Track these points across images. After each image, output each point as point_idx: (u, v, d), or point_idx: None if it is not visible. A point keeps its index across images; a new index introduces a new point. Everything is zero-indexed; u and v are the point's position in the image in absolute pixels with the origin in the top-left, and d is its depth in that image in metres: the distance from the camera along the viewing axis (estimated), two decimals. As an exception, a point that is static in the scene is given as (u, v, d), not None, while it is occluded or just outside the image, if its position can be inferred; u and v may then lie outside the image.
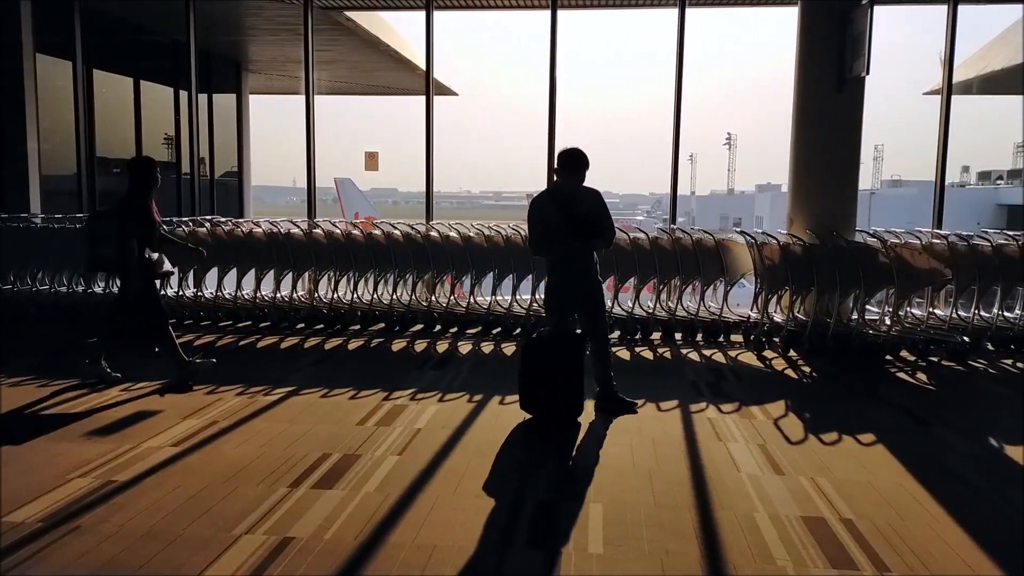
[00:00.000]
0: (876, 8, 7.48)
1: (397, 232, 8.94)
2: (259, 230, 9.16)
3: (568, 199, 5.56)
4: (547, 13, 10.18)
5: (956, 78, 17.63)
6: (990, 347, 8.10)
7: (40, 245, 9.63)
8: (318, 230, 9.08)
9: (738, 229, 9.20)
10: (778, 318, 8.21)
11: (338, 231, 9.00)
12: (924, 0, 9.84)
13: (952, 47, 9.02)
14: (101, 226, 6.24)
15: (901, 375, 7.12)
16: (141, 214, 6.22)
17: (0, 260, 9.66)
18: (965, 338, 7.84)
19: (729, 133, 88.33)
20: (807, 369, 7.35)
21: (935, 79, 19.21)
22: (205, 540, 3.60)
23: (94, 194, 13.52)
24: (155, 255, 6.32)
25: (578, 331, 5.68)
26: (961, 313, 8.20)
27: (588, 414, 5.63)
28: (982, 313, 8.11)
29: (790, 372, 7.23)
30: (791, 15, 8.72)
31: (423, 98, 10.55)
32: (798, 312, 8.17)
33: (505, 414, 5.67)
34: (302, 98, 10.76)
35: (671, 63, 9.66)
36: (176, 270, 7.46)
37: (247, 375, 6.68)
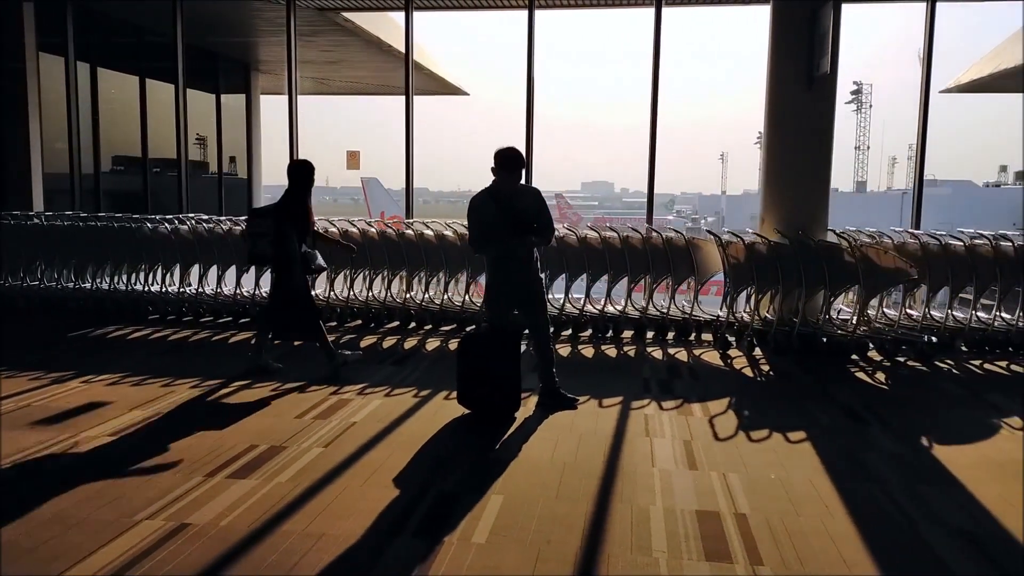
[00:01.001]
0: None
1: (373, 230, 9.09)
2: (239, 228, 9.35)
3: (506, 198, 5.64)
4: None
5: (975, 74, 17.47)
6: (963, 348, 8.03)
7: (34, 242, 9.93)
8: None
9: (706, 229, 9.18)
10: (746, 317, 8.21)
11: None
12: (902, -2, 9.74)
13: (930, 46, 8.91)
14: (260, 223, 6.62)
15: (860, 375, 7.09)
16: (298, 213, 6.56)
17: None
18: (933, 338, 7.80)
19: (760, 132, 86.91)
20: (766, 368, 7.34)
21: (954, 76, 19.06)
22: (105, 525, 3.74)
23: (97, 192, 13.87)
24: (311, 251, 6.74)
25: (518, 327, 5.75)
26: (935, 313, 8.15)
27: (528, 409, 5.71)
28: (956, 314, 8.05)
29: (748, 371, 7.23)
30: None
31: (435, 98, 10.65)
32: (766, 312, 8.17)
33: (445, 409, 5.77)
34: (325, 98, 10.96)
35: (691, 61, 9.73)
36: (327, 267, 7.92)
37: (207, 369, 6.85)
